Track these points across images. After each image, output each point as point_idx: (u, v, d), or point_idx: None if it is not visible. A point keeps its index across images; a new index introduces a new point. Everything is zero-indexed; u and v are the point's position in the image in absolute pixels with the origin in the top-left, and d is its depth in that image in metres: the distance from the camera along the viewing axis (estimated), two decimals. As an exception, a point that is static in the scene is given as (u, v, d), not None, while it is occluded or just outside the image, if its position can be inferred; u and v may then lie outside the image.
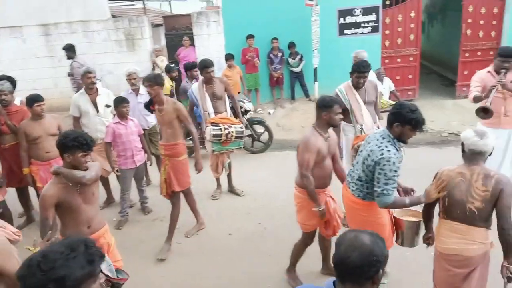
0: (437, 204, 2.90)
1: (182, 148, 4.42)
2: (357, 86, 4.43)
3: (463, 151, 2.74)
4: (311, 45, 8.41)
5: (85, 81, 5.09)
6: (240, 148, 5.51)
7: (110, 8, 10.84)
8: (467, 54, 9.01)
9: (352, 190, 3.22)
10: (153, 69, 9.61)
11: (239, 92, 8.43)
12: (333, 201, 3.58)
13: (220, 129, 5.09)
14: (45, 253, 1.43)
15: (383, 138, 2.98)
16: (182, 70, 9.54)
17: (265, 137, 7.22)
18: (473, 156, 2.68)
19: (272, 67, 9.17)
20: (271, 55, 9.12)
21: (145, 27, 9.82)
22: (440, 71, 11.78)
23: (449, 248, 2.76)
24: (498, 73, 4.48)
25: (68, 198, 2.86)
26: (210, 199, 5.60)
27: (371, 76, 5.12)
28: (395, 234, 3.36)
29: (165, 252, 4.35)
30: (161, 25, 10.87)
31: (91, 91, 5.13)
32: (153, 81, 4.24)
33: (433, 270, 2.95)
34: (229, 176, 5.72)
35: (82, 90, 5.20)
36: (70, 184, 2.87)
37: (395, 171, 2.87)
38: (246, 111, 6.87)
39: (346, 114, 4.39)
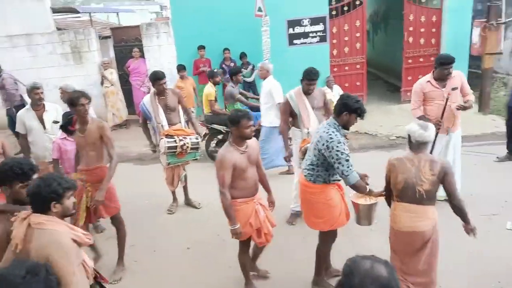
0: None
1: (106, 172, 4.06)
2: (307, 92, 4.64)
3: (410, 142, 3.14)
4: (262, 55, 8.49)
5: (33, 97, 4.77)
6: (196, 159, 5.38)
7: (55, 20, 10.44)
8: (410, 61, 9.45)
9: (305, 175, 3.53)
10: (102, 82, 9.32)
11: (195, 107, 8.35)
12: (264, 208, 3.60)
13: (175, 140, 4.98)
14: (5, 275, 1.32)
15: (330, 126, 3.33)
16: (133, 82, 9.40)
17: None
18: (419, 146, 3.10)
19: (225, 78, 9.15)
20: (223, 66, 9.12)
21: (92, 39, 9.52)
22: (386, 78, 12.28)
23: (405, 227, 3.13)
24: (440, 80, 4.71)
25: None
26: (166, 214, 5.46)
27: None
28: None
29: (119, 273, 4.16)
30: (109, 37, 10.58)
31: (38, 107, 4.82)
32: (89, 97, 3.96)
33: (390, 239, 3.33)
34: (185, 188, 5.61)
35: (28, 105, 4.90)
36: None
37: (347, 149, 3.24)
38: None
39: (295, 118, 4.67)
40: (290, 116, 4.83)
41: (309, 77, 4.56)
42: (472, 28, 8.98)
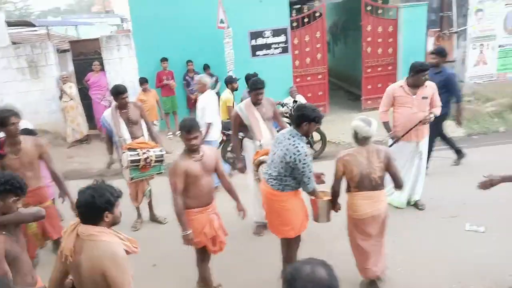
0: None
1: (47, 191, 3.91)
2: (256, 102, 4.65)
3: (356, 137, 3.48)
4: (226, 67, 8.50)
5: None
6: (161, 172, 5.23)
7: (10, 34, 10.06)
8: (369, 70, 9.72)
9: (272, 185, 3.63)
10: (61, 96, 9.03)
11: (158, 119, 8.23)
12: (218, 217, 3.63)
13: (138, 154, 4.85)
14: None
15: (293, 136, 3.47)
16: (93, 95, 9.17)
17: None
18: (365, 140, 3.46)
19: (189, 90, 9.10)
20: (187, 78, 9.06)
21: (50, 53, 9.24)
22: (347, 87, 12.58)
23: (365, 213, 3.50)
24: (413, 86, 4.83)
25: (13, 248, 2.58)
26: (131, 231, 5.31)
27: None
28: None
29: None
30: (67, 50, 10.30)
31: None
32: (19, 116, 3.76)
33: (349, 232, 3.69)
34: (150, 204, 5.48)
35: None
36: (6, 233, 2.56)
37: (311, 160, 3.47)
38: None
39: (247, 130, 4.69)
40: (241, 128, 4.82)
41: (255, 86, 4.58)
42: (426, 38, 9.37)
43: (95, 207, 2.26)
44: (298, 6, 12.80)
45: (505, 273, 3.77)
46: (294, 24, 9.28)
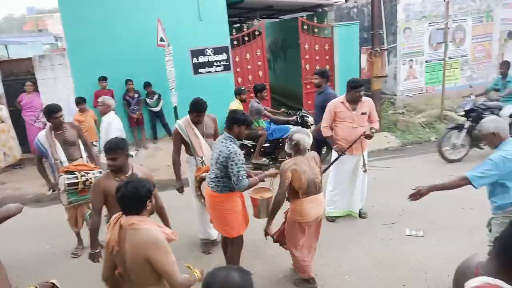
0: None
1: None
2: (197, 122, 4.64)
3: (298, 148, 3.70)
4: (168, 85, 8.38)
5: None
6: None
7: None
8: (308, 86, 10.03)
9: (212, 187, 3.83)
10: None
11: (98, 140, 7.88)
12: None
13: (76, 176, 4.58)
14: None
15: (225, 139, 3.72)
16: (26, 117, 8.63)
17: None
18: (305, 150, 3.75)
19: (129, 109, 8.84)
20: (127, 97, 8.80)
21: (-24, 74, 8.60)
22: (289, 103, 12.85)
23: (312, 216, 3.77)
24: (352, 102, 5.03)
25: None
26: (71, 258, 4.98)
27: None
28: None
29: None
30: (-4, 71, 9.64)
31: None
32: None
33: (287, 233, 3.91)
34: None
35: None
36: None
37: (242, 159, 3.60)
38: (310, 125, 7.15)
39: (188, 147, 4.68)
40: (182, 145, 4.76)
41: (199, 110, 4.55)
42: (360, 55, 9.85)
43: (140, 197, 2.46)
44: (238, 25, 13.03)
45: (444, 274, 3.96)
46: (235, 42, 9.39)
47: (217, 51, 9.20)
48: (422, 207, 5.21)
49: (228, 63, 9.31)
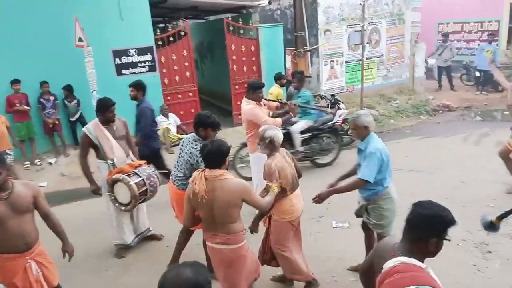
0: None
1: None
2: (109, 121, 4.55)
3: (273, 145, 3.59)
4: (89, 87, 7.95)
5: None
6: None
7: None
8: (237, 87, 10.08)
9: (177, 185, 4.06)
10: None
11: (12, 148, 7.25)
12: (41, 266, 3.14)
13: (143, 180, 4.45)
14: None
15: (195, 141, 3.92)
16: None
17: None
18: (279, 145, 3.67)
19: (44, 113, 8.23)
20: (42, 100, 8.19)
21: None
22: (218, 103, 12.84)
23: (299, 211, 3.78)
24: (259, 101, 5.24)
25: None
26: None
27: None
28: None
29: None
30: None
31: None
32: None
33: (278, 240, 3.74)
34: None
35: None
36: None
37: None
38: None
39: (98, 151, 4.56)
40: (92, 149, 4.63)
41: (107, 107, 4.49)
42: (285, 56, 10.12)
43: (222, 153, 3.08)
44: (162, 25, 12.74)
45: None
46: (160, 42, 9.16)
47: (141, 51, 8.91)
48: (347, 200, 5.45)
49: (153, 63, 9.06)
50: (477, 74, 12.30)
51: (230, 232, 3.13)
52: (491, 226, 2.93)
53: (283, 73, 8.77)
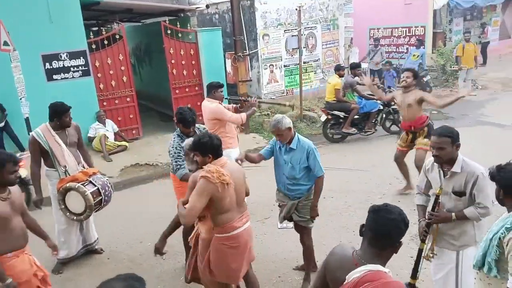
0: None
1: None
2: (65, 126, 4.39)
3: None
4: (17, 94, 7.44)
5: None
6: None
7: None
8: (177, 91, 9.94)
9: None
10: None
11: None
12: (36, 266, 3.29)
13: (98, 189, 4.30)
14: None
15: (174, 136, 4.26)
16: None
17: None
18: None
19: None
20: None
21: None
22: (158, 108, 12.58)
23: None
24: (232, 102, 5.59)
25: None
26: None
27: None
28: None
29: None
30: None
31: None
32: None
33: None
34: None
35: None
36: None
37: (177, 152, 4.13)
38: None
39: (48, 158, 4.34)
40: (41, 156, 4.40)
41: (63, 112, 4.33)
42: (225, 60, 10.15)
43: (220, 142, 3.30)
44: (96, 28, 12.25)
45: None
46: (94, 46, 8.80)
47: (73, 55, 8.49)
48: (290, 200, 5.59)
49: (87, 68, 8.67)
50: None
51: (246, 207, 3.44)
52: None
53: (342, 64, 9.81)
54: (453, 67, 13.04)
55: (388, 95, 6.81)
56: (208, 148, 3.20)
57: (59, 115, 4.31)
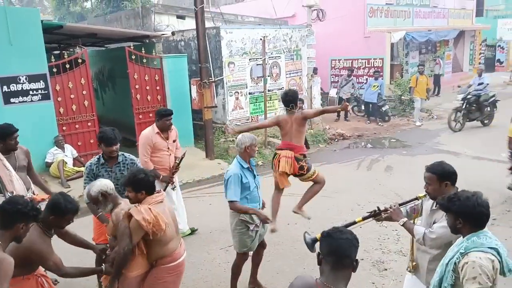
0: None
1: None
2: (10, 150, 4.25)
3: (106, 199, 3.31)
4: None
5: None
6: None
7: None
8: (140, 116, 9.81)
9: None
10: None
11: None
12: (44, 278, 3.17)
13: None
14: None
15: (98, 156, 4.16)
16: None
17: None
18: (115, 193, 3.45)
19: None
20: None
21: None
22: (121, 134, 12.31)
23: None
24: (163, 131, 5.25)
25: None
26: None
27: None
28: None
29: None
30: None
31: None
32: None
33: None
34: None
35: None
36: None
37: (86, 173, 4.13)
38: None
39: None
40: None
41: (10, 131, 4.21)
42: (190, 86, 10.17)
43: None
44: (58, 52, 12.03)
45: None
46: (55, 70, 8.60)
47: (32, 78, 8.25)
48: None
49: (46, 91, 8.43)
50: (363, 107, 13.63)
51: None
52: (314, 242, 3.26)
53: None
54: (406, 97, 13.72)
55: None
56: (142, 185, 3.11)
57: (3, 137, 4.16)
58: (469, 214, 2.46)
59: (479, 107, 11.69)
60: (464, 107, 11.48)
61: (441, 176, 3.00)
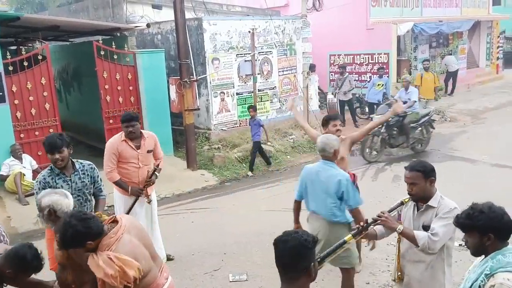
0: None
1: None
2: None
3: (56, 216, 3.17)
4: None
5: None
6: None
7: None
8: (111, 121, 9.74)
9: None
10: None
11: None
12: None
13: None
14: None
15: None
16: None
17: None
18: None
19: None
20: None
21: None
22: (87, 141, 12.25)
23: None
24: (135, 139, 5.12)
25: None
26: None
27: None
28: None
29: None
30: None
31: None
32: None
33: None
34: None
35: None
36: None
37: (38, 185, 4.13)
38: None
39: None
40: None
41: None
42: (168, 85, 10.14)
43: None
44: (14, 47, 11.93)
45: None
46: (10, 68, 8.52)
47: (-16, 78, 8.18)
48: (244, 248, 5.56)
49: (1, 93, 8.35)
50: (366, 109, 13.68)
51: (160, 258, 3.30)
52: None
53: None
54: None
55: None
56: (82, 237, 2.71)
57: None
58: (498, 227, 2.45)
59: (404, 131, 10.13)
60: (383, 130, 9.87)
61: (426, 172, 3.18)
